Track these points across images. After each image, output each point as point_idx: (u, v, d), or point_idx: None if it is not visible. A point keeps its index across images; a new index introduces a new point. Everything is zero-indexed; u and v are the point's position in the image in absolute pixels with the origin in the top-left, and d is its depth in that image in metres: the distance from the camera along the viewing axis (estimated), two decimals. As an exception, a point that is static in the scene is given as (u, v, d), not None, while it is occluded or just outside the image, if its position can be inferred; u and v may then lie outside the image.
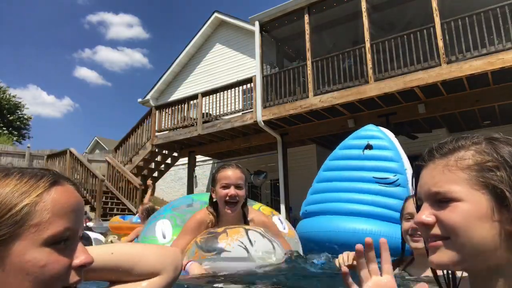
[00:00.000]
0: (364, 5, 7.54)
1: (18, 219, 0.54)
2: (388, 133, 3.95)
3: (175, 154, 11.25)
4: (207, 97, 9.90)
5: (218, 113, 9.63)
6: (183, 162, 11.93)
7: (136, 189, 9.71)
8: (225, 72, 12.86)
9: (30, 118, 25.79)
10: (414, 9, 7.97)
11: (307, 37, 8.24)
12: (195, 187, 10.93)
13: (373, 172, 3.64)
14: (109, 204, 10.18)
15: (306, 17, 8.33)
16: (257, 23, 9.03)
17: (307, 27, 8.31)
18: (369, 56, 7.29)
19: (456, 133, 9.24)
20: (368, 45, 7.33)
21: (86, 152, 18.28)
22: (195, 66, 14.07)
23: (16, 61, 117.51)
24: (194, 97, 10.06)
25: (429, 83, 6.60)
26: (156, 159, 11.33)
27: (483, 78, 6.43)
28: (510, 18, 6.05)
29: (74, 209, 0.60)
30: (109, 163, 10.75)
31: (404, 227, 1.62)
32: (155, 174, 11.68)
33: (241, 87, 9.47)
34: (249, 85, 9.13)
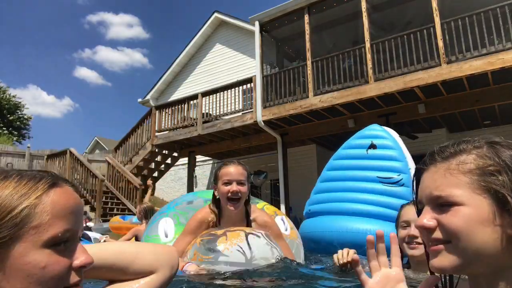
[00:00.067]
0: (364, 5, 7.54)
1: (18, 221, 0.55)
2: (392, 133, 3.93)
3: (175, 154, 11.25)
4: (207, 97, 9.90)
5: (218, 113, 9.63)
6: (183, 162, 11.93)
7: (136, 189, 9.71)
8: (225, 72, 12.86)
9: (30, 118, 25.83)
10: (414, 9, 7.96)
11: (307, 37, 8.23)
12: (195, 187, 10.92)
13: (377, 172, 3.62)
14: (109, 204, 10.19)
15: (306, 17, 8.33)
16: (257, 23, 9.03)
17: (307, 27, 8.30)
18: (369, 56, 7.29)
19: (456, 133, 9.28)
20: (368, 45, 7.33)
21: (86, 152, 18.31)
22: (195, 66, 14.07)
23: (16, 61, 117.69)
24: (194, 97, 10.06)
25: (429, 83, 6.60)
26: (156, 159, 11.34)
27: (483, 78, 6.42)
28: (510, 18, 6.05)
29: (74, 211, 0.60)
30: (109, 163, 10.75)
31: (401, 235, 1.61)
32: (155, 174, 11.69)
33: (241, 87, 9.46)
34: (249, 85, 9.13)
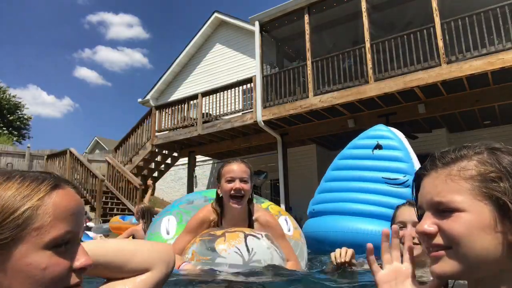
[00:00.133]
0: (364, 5, 7.54)
1: (20, 223, 0.55)
2: (398, 134, 3.91)
3: (175, 154, 11.26)
4: (207, 97, 9.90)
5: (218, 113, 9.63)
6: (183, 162, 11.93)
7: (136, 189, 9.71)
8: (225, 72, 12.86)
9: (30, 118, 25.80)
10: (414, 9, 7.96)
11: (307, 37, 8.24)
12: (195, 187, 10.93)
13: (383, 173, 3.60)
14: (109, 204, 10.18)
15: (306, 17, 8.33)
16: (257, 23, 9.03)
17: (307, 27, 8.30)
18: (369, 56, 7.29)
19: (456, 133, 9.28)
20: (368, 45, 7.33)
21: (86, 152, 18.31)
22: (195, 66, 14.07)
23: (16, 61, 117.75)
24: (194, 97, 10.06)
25: (429, 83, 6.60)
26: (156, 159, 11.34)
27: (483, 78, 6.43)
28: (510, 18, 6.05)
29: (75, 212, 0.61)
30: (109, 163, 10.75)
31: None
32: (155, 174, 11.69)
33: (241, 87, 9.46)
34: (249, 85, 9.13)
